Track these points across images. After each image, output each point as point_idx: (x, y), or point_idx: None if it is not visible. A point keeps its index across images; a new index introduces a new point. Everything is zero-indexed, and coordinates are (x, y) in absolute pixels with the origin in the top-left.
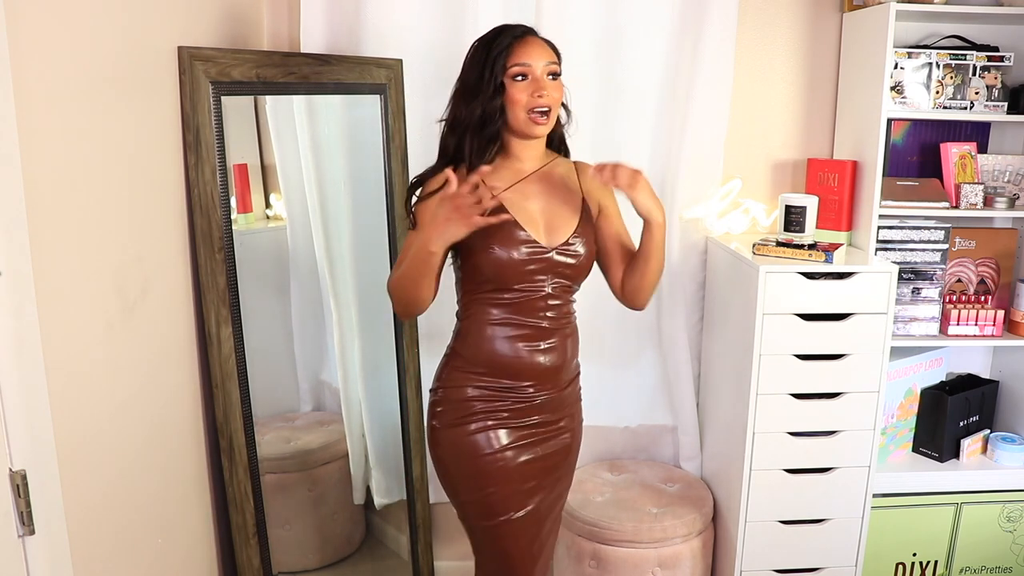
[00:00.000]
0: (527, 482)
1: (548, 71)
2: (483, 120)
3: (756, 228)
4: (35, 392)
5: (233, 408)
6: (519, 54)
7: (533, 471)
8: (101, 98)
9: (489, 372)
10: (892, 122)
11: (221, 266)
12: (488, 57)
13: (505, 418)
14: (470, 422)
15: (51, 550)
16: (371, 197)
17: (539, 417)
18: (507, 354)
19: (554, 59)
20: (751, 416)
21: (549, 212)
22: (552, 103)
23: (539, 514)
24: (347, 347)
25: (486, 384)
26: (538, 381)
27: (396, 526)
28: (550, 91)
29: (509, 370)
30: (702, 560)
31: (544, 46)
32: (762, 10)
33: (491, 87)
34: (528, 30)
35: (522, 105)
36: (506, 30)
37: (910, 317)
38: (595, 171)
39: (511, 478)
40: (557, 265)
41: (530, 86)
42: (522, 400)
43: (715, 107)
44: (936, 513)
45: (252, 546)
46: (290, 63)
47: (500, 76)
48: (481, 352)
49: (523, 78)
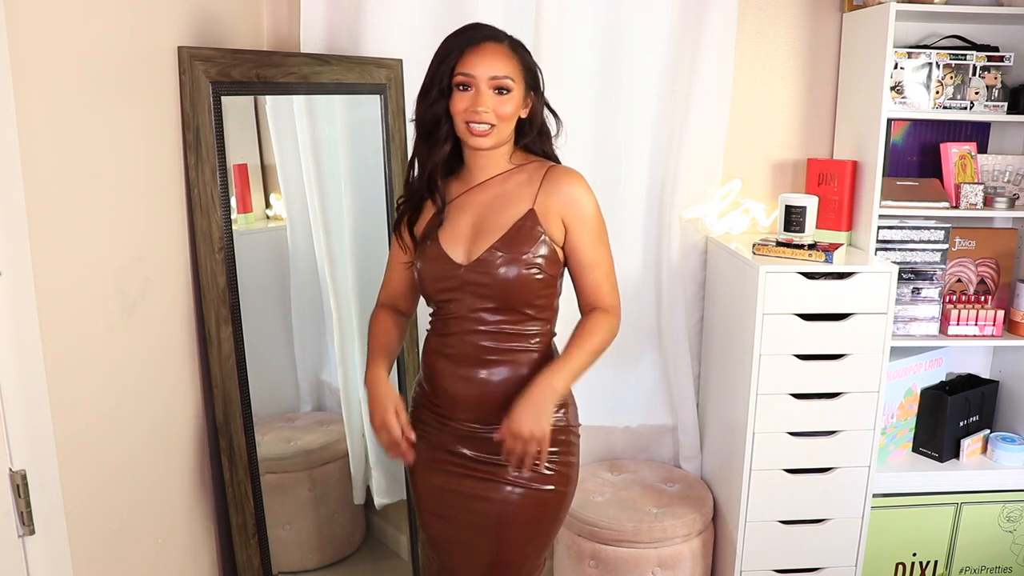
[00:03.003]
0: (435, 508)
1: (494, 85)
2: (431, 125)
3: (756, 228)
4: (35, 392)
5: (233, 408)
6: (465, 62)
7: (444, 504)
8: (101, 98)
9: (425, 377)
10: (892, 122)
11: (221, 266)
12: (439, 59)
13: (428, 433)
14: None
15: (51, 550)
16: (371, 197)
17: (469, 452)
18: (432, 372)
19: (506, 73)
20: (751, 416)
21: (479, 226)
22: (489, 119)
23: (450, 554)
24: (347, 347)
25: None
26: (458, 410)
27: (396, 526)
28: (491, 106)
29: (434, 390)
30: (702, 560)
31: (500, 56)
32: (762, 10)
33: (436, 91)
34: (490, 36)
35: (459, 116)
36: (467, 31)
37: (910, 317)
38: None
39: (420, 494)
40: (468, 283)
41: (470, 98)
42: (446, 425)
43: (715, 107)
44: (936, 513)
45: (252, 546)
46: (290, 63)
47: (447, 80)
48: (423, 362)
49: (466, 88)
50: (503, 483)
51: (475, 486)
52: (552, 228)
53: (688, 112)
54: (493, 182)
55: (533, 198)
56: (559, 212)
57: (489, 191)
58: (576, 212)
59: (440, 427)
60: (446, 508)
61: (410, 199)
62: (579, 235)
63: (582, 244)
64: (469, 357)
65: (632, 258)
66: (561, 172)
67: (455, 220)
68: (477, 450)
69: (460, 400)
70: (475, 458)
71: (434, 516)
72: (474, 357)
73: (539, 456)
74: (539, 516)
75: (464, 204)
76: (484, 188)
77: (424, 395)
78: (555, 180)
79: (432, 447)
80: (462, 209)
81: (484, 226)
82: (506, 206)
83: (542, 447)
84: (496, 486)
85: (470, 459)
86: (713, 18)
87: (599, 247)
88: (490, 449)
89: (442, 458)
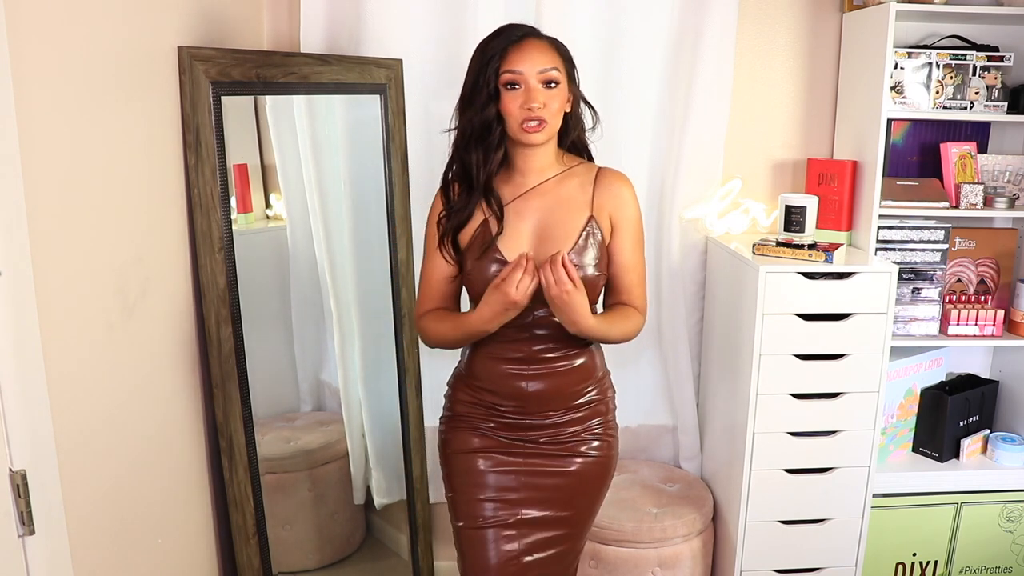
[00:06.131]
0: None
1: (543, 79)
2: (481, 130)
3: (756, 228)
4: (35, 392)
5: (233, 408)
6: (511, 60)
7: (502, 488)
8: (101, 98)
9: (479, 384)
10: (892, 122)
11: (221, 266)
12: (482, 63)
13: (485, 428)
14: (453, 424)
15: (51, 550)
16: (371, 197)
17: (524, 438)
18: (492, 373)
19: (553, 65)
20: (751, 416)
21: (542, 232)
22: (544, 114)
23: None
24: (347, 347)
25: (474, 394)
26: (520, 404)
27: (396, 526)
28: (543, 101)
29: (493, 388)
30: (702, 560)
31: (543, 50)
32: (762, 10)
33: (484, 95)
34: (528, 32)
35: (514, 116)
36: (505, 32)
37: (910, 317)
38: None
39: (472, 482)
40: (537, 290)
41: (521, 95)
42: (506, 417)
43: (715, 107)
44: (936, 513)
45: (252, 546)
46: (290, 63)
47: (493, 83)
48: (473, 364)
49: (515, 86)
50: (574, 456)
51: (547, 463)
52: (604, 229)
53: (688, 112)
54: (547, 187)
55: (590, 203)
56: (609, 212)
57: (546, 196)
58: (624, 215)
59: (506, 423)
60: (513, 491)
61: (462, 210)
62: (623, 237)
63: (624, 246)
64: (534, 358)
65: None
66: (612, 175)
67: (513, 225)
68: (549, 432)
69: (532, 396)
70: (548, 440)
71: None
72: (539, 357)
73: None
74: (604, 478)
75: (521, 210)
76: (539, 193)
77: (483, 400)
78: (607, 183)
79: (496, 442)
80: (520, 216)
81: (549, 234)
82: (567, 213)
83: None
84: (568, 460)
85: (541, 443)
86: (713, 18)
87: (638, 251)
88: (561, 431)
89: (510, 447)
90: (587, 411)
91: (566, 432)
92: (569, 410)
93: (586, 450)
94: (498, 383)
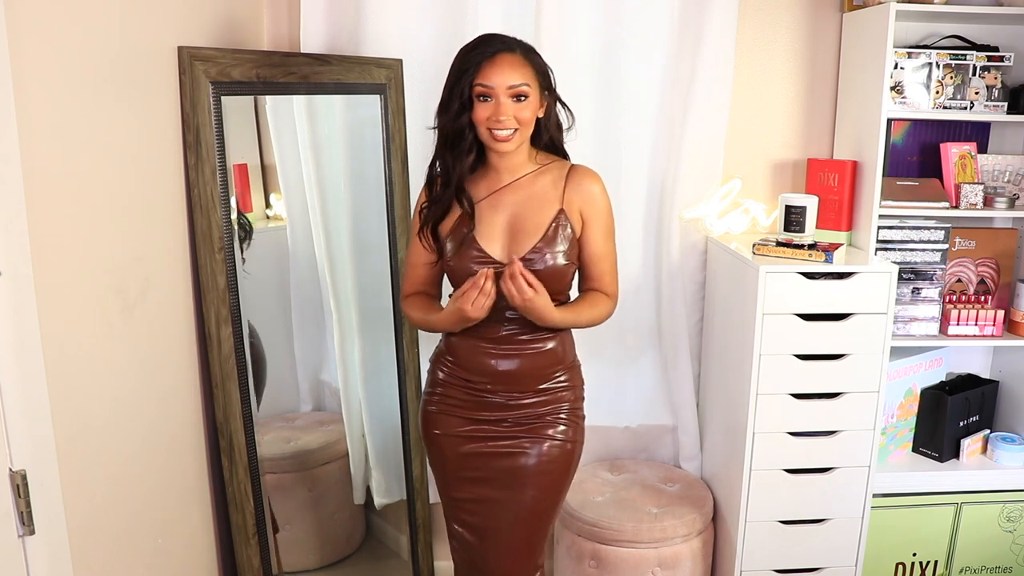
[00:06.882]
0: (468, 471)
1: (513, 93)
2: (455, 136)
3: (756, 228)
4: (35, 392)
5: (233, 408)
6: (483, 74)
7: (477, 463)
8: (101, 98)
9: (454, 360)
10: (892, 122)
11: (221, 266)
12: (458, 74)
13: (459, 403)
14: (433, 401)
15: (51, 550)
16: (371, 197)
17: (491, 418)
18: (466, 351)
19: (523, 80)
20: (751, 416)
21: (515, 225)
22: (511, 124)
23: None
24: (347, 347)
25: (449, 369)
26: (492, 382)
27: (396, 526)
28: (512, 113)
29: (466, 364)
30: (702, 560)
31: (515, 65)
32: (762, 10)
33: (458, 104)
34: (502, 48)
35: (484, 125)
36: (481, 44)
37: (910, 317)
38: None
39: (450, 462)
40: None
41: (491, 107)
42: (477, 395)
43: (715, 107)
44: (936, 513)
45: (252, 546)
46: (290, 63)
47: (467, 93)
48: (450, 342)
49: (486, 98)
50: (540, 439)
51: (512, 444)
52: (575, 222)
53: (688, 112)
54: (521, 183)
55: (560, 198)
56: (579, 206)
57: (519, 192)
58: (594, 208)
59: (476, 401)
60: (482, 470)
61: (437, 205)
62: (594, 228)
63: (596, 238)
64: (508, 339)
65: (632, 258)
66: (582, 171)
67: (488, 219)
68: (516, 413)
69: (502, 375)
70: (514, 421)
71: (466, 480)
72: (513, 339)
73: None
74: (568, 464)
75: (495, 204)
76: (513, 189)
77: (456, 375)
78: (578, 179)
79: (466, 421)
80: (494, 209)
81: (521, 226)
82: (538, 207)
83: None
84: (532, 441)
85: (508, 424)
86: (713, 18)
87: (609, 241)
88: (528, 412)
89: (477, 429)
90: (554, 395)
91: (533, 413)
92: (536, 392)
93: (552, 433)
94: (471, 360)
